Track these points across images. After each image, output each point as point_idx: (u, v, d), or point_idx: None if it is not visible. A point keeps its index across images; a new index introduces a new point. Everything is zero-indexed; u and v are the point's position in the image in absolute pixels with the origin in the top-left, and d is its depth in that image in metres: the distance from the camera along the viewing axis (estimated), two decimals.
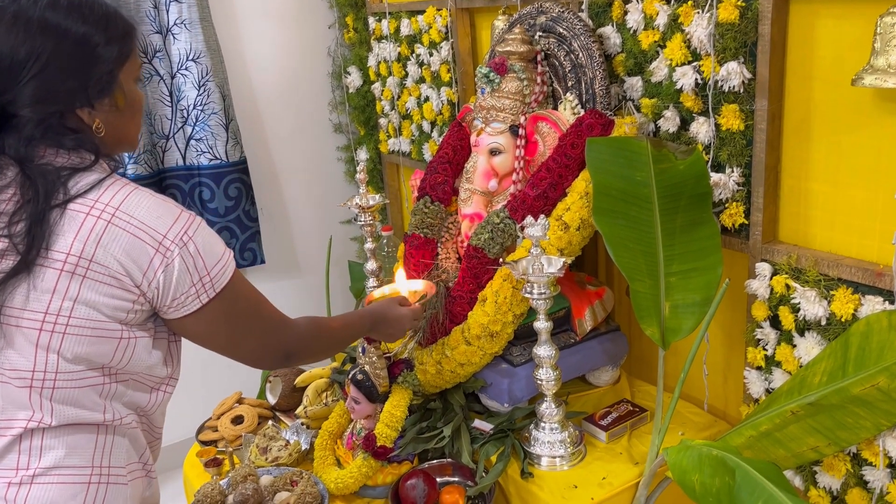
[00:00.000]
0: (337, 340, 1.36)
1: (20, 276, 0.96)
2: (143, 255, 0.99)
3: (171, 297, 1.03)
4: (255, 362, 1.20)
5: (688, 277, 1.43)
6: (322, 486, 1.65)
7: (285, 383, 2.00)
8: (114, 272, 0.99)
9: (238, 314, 1.12)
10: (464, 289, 1.64)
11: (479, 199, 1.72)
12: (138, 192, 1.02)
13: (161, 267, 1.00)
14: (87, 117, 1.04)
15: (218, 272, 1.06)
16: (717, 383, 1.69)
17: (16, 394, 1.00)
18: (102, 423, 1.05)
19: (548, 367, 1.50)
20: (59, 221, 0.97)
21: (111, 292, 0.99)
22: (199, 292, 1.04)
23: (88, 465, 1.04)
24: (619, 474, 1.49)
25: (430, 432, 1.65)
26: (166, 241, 1.00)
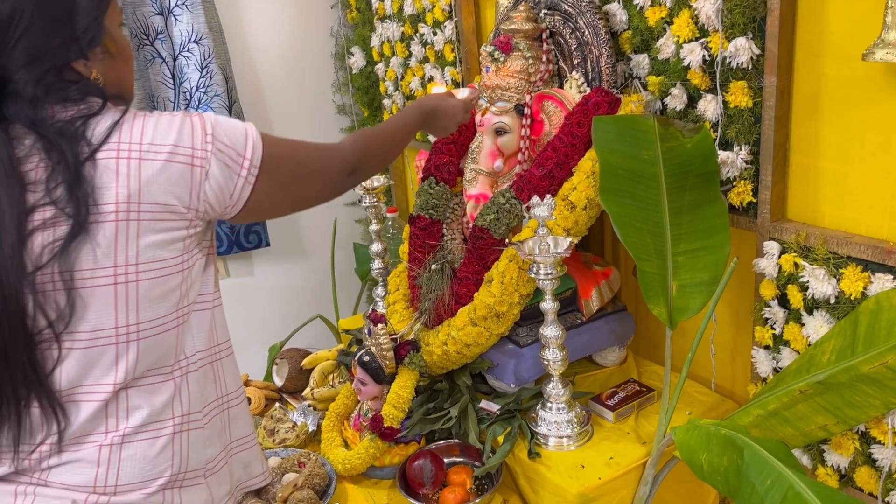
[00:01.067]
0: (391, 141, 1.35)
1: (79, 239, 0.93)
2: (185, 176, 0.98)
3: (227, 196, 1.02)
4: (326, 197, 1.21)
5: (695, 256, 1.42)
6: (329, 467, 1.66)
7: (292, 365, 2.00)
8: (166, 205, 0.97)
9: (287, 175, 1.10)
10: (469, 270, 1.63)
11: (485, 179, 1.71)
12: (151, 118, 1.00)
13: (203, 177, 0.99)
14: (83, 69, 1.02)
15: (250, 150, 1.04)
16: (725, 363, 1.69)
17: (99, 356, 0.98)
18: (177, 368, 1.04)
19: (554, 348, 1.49)
20: (94, 174, 0.94)
21: (167, 226, 0.98)
22: (246, 178, 1.03)
23: (169, 416, 1.03)
24: (626, 454, 1.49)
25: (437, 413, 1.65)
26: (197, 151, 0.99)
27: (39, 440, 0.98)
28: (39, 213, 0.94)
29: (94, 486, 0.98)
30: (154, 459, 1.01)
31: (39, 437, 0.98)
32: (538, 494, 1.49)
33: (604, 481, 1.42)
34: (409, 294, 1.85)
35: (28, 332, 0.93)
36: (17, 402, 0.96)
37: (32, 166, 0.96)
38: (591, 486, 1.41)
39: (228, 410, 1.15)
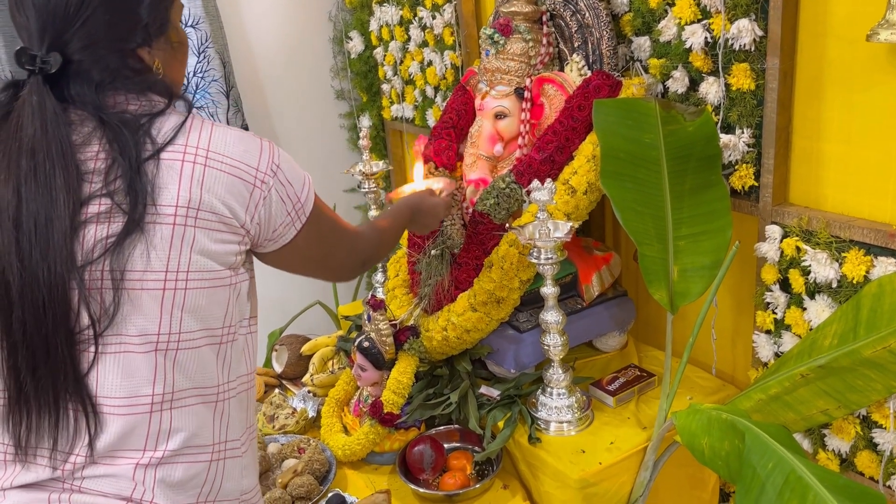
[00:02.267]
0: (392, 237, 1.38)
1: (134, 237, 0.90)
2: (244, 192, 0.97)
3: (272, 228, 1.01)
4: (340, 276, 1.25)
5: (697, 241, 1.41)
6: (329, 453, 1.66)
7: (291, 352, 2.00)
8: (221, 215, 0.95)
9: (325, 234, 1.12)
10: (469, 255, 1.62)
11: (485, 164, 1.69)
12: (219, 128, 0.99)
13: (261, 200, 0.98)
14: (147, 57, 1.00)
15: (305, 196, 1.04)
16: (726, 348, 1.68)
17: (139, 362, 0.93)
18: (217, 391, 1.01)
19: (555, 333, 1.49)
20: (156, 173, 0.92)
21: (221, 237, 0.96)
22: (293, 220, 1.03)
23: (210, 442, 1.00)
24: (626, 439, 1.48)
25: (437, 399, 1.64)
26: (260, 173, 0.98)
27: (76, 447, 0.94)
28: (94, 204, 0.91)
29: (131, 497, 0.95)
30: (186, 484, 0.98)
31: (76, 442, 0.94)
32: (538, 479, 1.49)
33: (604, 466, 1.42)
34: (408, 280, 1.84)
35: (70, 328, 0.91)
36: (56, 400, 0.92)
37: (92, 155, 0.93)
38: (592, 471, 1.41)
39: (254, 442, 1.13)
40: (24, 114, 0.91)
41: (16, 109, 0.92)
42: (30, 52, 0.92)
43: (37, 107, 0.91)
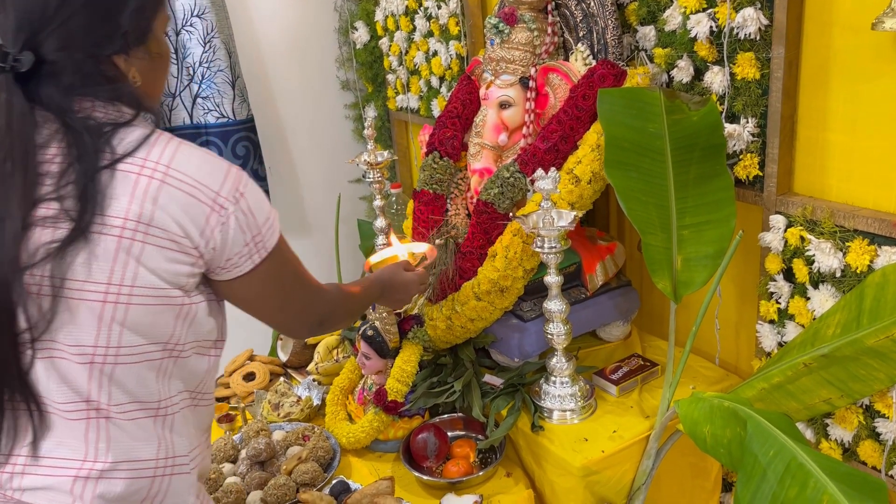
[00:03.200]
0: (357, 307, 1.32)
1: (77, 245, 0.89)
2: (201, 214, 0.94)
3: (226, 257, 0.98)
4: (293, 329, 1.18)
5: (701, 230, 1.41)
6: (334, 441, 1.67)
7: (296, 340, 2.01)
8: (173, 234, 0.92)
9: (285, 277, 1.07)
10: (474, 244, 1.63)
11: (489, 153, 1.70)
12: (185, 146, 0.96)
13: (218, 225, 0.95)
14: (123, 65, 0.98)
15: (268, 230, 1.01)
16: (729, 337, 1.68)
17: (76, 373, 0.93)
18: (158, 406, 0.99)
19: (558, 322, 1.49)
20: (110, 183, 0.90)
21: (171, 256, 0.94)
22: (251, 252, 0.99)
23: (153, 457, 0.98)
24: (629, 427, 1.49)
25: (441, 387, 1.65)
26: (220, 198, 0.95)
27: (17, 447, 0.94)
28: (43, 207, 0.89)
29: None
30: (127, 500, 0.96)
31: (18, 443, 0.94)
32: (541, 467, 1.50)
33: (607, 454, 1.43)
34: None
35: (13, 328, 0.90)
36: (0, 397, 0.92)
37: (49, 157, 0.92)
38: (595, 458, 1.42)
39: (205, 459, 1.12)
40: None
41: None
42: (3, 49, 0.91)
43: (4, 104, 0.90)
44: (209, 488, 1.55)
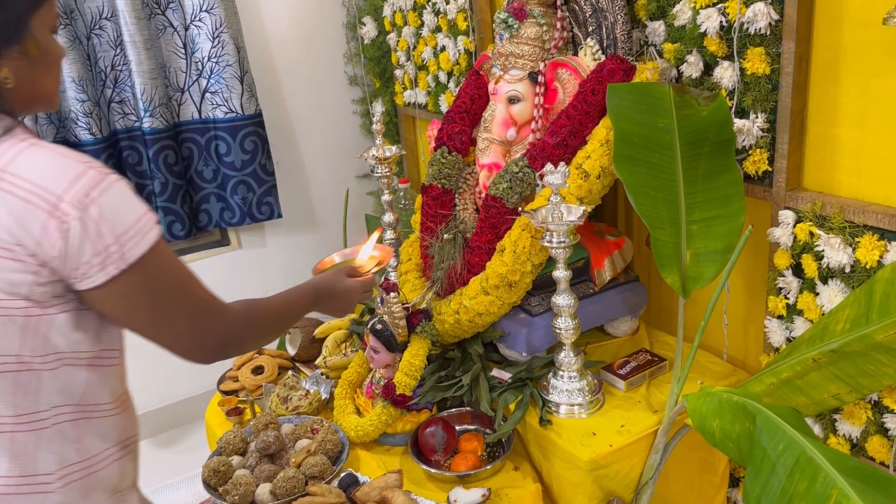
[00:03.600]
0: (277, 322, 1.22)
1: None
2: (35, 221, 0.88)
3: (73, 266, 0.91)
4: (186, 351, 1.05)
5: (710, 225, 1.42)
6: (342, 434, 1.67)
7: (304, 335, 2.02)
8: (4, 242, 0.88)
9: (160, 291, 0.98)
10: (482, 239, 1.63)
11: (498, 148, 1.70)
12: (36, 148, 0.91)
13: (57, 232, 0.89)
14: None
15: (129, 241, 0.93)
16: (737, 333, 1.68)
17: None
18: (21, 422, 0.95)
19: (566, 316, 1.50)
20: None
21: (4, 265, 0.89)
22: (103, 263, 0.92)
23: (5, 473, 0.95)
24: (637, 422, 1.49)
25: (449, 381, 1.66)
26: (63, 203, 0.89)
27: None
28: None
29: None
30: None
31: None
32: (549, 461, 1.51)
33: (615, 448, 1.43)
34: (420, 264, 1.85)
35: None
36: None
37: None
38: (602, 452, 1.42)
39: (93, 475, 1.03)
40: None
41: None
42: None
43: None
44: (218, 480, 1.56)
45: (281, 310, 1.23)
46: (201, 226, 2.61)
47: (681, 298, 1.45)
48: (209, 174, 2.56)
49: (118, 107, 2.41)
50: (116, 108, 2.41)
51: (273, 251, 2.82)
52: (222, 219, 2.62)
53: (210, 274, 2.69)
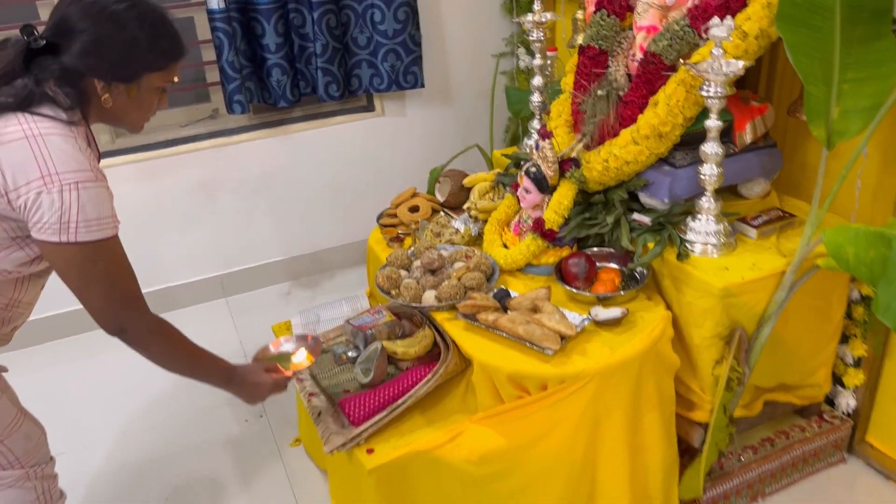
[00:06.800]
0: (180, 360, 1.45)
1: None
2: (27, 174, 1.19)
3: (33, 219, 1.21)
4: (96, 317, 1.33)
5: (861, 84, 1.52)
6: (493, 261, 1.91)
7: (454, 183, 2.24)
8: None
9: (89, 270, 1.27)
10: (636, 94, 1.79)
11: (656, 11, 1.83)
12: (73, 141, 1.23)
13: (35, 193, 1.19)
14: (100, 88, 1.29)
15: (86, 227, 1.22)
16: (867, 199, 1.79)
17: None
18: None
19: (712, 164, 1.65)
20: (5, 116, 1.23)
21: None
22: (59, 230, 1.21)
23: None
24: (767, 262, 1.66)
25: (593, 221, 1.85)
26: (56, 176, 1.20)
27: None
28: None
29: None
30: None
31: None
32: (681, 292, 1.70)
33: (746, 281, 1.61)
34: (570, 120, 2.02)
35: None
36: None
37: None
38: (735, 282, 1.60)
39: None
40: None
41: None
42: (34, 29, 1.26)
43: (12, 57, 1.26)
44: (391, 286, 1.83)
45: (191, 354, 1.46)
46: (353, 89, 2.84)
47: (824, 151, 1.58)
48: (363, 41, 2.77)
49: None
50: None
51: (411, 120, 3.04)
52: (371, 84, 2.84)
53: (355, 138, 2.95)
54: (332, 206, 3.02)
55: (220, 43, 2.53)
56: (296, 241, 3.03)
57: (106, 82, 1.30)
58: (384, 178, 2.99)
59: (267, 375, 1.59)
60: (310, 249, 3.06)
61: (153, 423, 2.31)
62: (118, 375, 2.55)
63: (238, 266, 2.97)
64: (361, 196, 3.00)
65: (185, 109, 2.85)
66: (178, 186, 2.76)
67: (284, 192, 2.94)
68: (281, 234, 3.00)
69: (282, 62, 2.66)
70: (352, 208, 3.03)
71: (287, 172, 2.91)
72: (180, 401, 2.39)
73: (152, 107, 1.40)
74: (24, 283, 1.38)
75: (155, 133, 2.75)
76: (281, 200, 2.94)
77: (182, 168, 2.74)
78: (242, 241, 2.94)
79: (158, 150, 2.71)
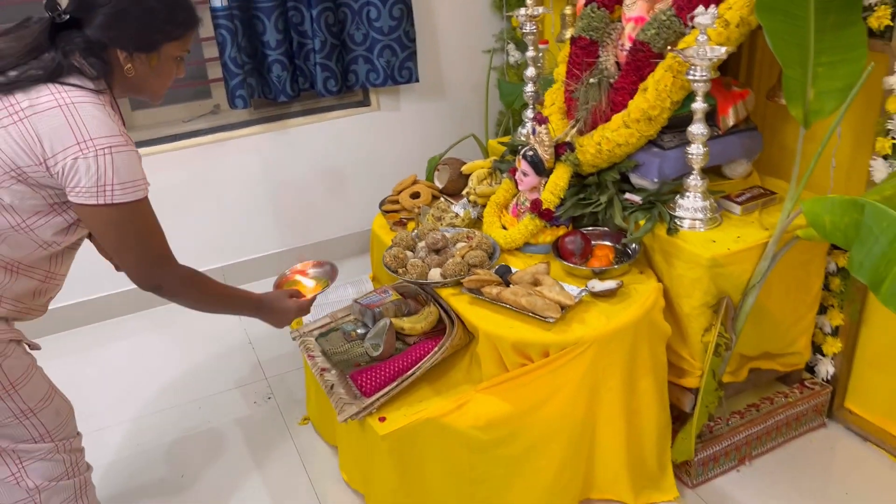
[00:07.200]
0: (214, 301, 1.59)
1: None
2: (64, 141, 1.27)
3: (71, 183, 1.29)
4: (130, 275, 1.44)
5: (834, 67, 1.65)
6: (493, 241, 2.02)
7: (452, 170, 2.35)
8: (33, 135, 1.27)
9: (127, 230, 1.37)
10: (626, 80, 1.90)
11: (643, 3, 1.94)
12: (102, 108, 1.31)
13: (72, 159, 1.27)
14: (122, 59, 1.36)
15: (121, 189, 1.31)
16: (841, 177, 1.92)
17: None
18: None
19: (699, 144, 1.77)
20: (36, 88, 1.30)
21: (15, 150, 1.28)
22: (97, 193, 1.29)
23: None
24: (751, 235, 1.78)
25: (587, 201, 1.97)
26: (91, 142, 1.27)
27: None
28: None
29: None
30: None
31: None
32: (671, 265, 1.81)
33: (732, 252, 1.73)
34: (563, 107, 2.14)
35: None
36: None
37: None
38: (721, 253, 1.72)
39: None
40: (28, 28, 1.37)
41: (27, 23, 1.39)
42: (58, 4, 1.34)
43: (37, 31, 1.34)
44: (398, 265, 1.93)
45: (222, 295, 1.61)
46: (349, 84, 2.94)
47: (801, 130, 1.70)
48: (360, 37, 2.87)
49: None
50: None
51: (406, 113, 3.14)
52: (367, 79, 2.94)
53: (353, 132, 3.05)
54: (331, 198, 3.12)
55: (224, 40, 2.62)
56: (296, 232, 3.12)
57: (128, 52, 1.37)
58: (381, 169, 3.10)
59: (291, 301, 1.73)
60: (310, 240, 3.15)
61: (164, 407, 2.39)
62: (129, 364, 2.63)
63: (240, 258, 3.06)
64: (359, 187, 3.10)
65: (186, 105, 2.94)
66: (181, 180, 2.84)
67: (284, 185, 3.03)
68: (281, 226, 3.09)
69: (282, 58, 2.76)
70: (350, 199, 3.12)
71: (287, 165, 3.00)
72: (190, 386, 2.47)
73: (171, 75, 1.47)
74: (59, 256, 1.46)
75: (158, 129, 2.83)
76: (281, 192, 3.04)
77: (185, 162, 2.83)
78: (244, 233, 3.03)
79: (162, 144, 2.79)
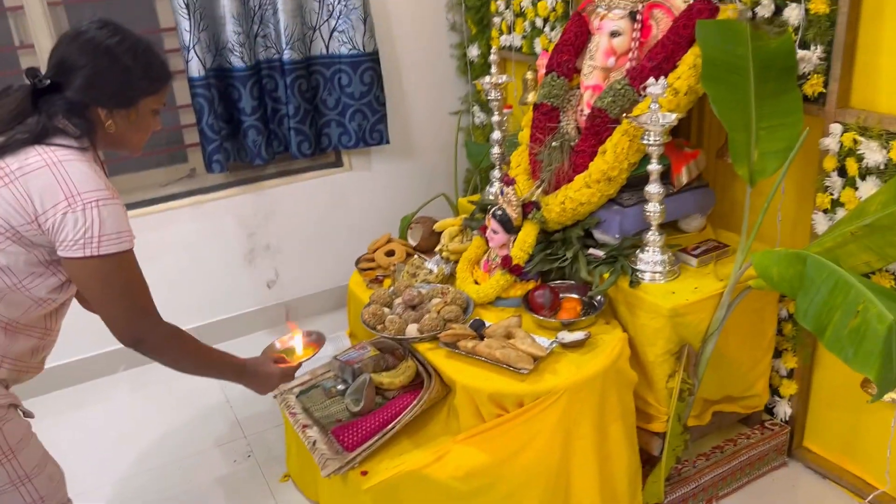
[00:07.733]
0: (195, 363, 1.61)
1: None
2: (54, 198, 1.33)
3: (59, 238, 1.34)
4: (112, 328, 1.46)
5: (774, 130, 1.81)
6: (466, 296, 2.11)
7: (425, 229, 2.45)
8: (24, 195, 1.33)
9: (112, 282, 1.40)
10: (586, 144, 2.04)
11: (599, 73, 2.10)
12: (88, 164, 1.37)
13: (61, 214, 1.32)
14: (103, 116, 1.44)
15: (107, 241, 1.36)
16: (788, 229, 2.07)
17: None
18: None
19: (656, 202, 1.91)
20: (24, 150, 1.37)
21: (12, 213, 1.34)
22: (84, 245, 1.34)
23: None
24: (707, 286, 1.91)
25: (554, 256, 2.08)
26: (79, 196, 1.33)
27: None
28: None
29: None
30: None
31: None
32: (635, 315, 1.93)
33: (690, 302, 1.85)
34: (528, 168, 2.27)
35: None
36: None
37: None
38: (681, 304, 1.84)
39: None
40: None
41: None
42: (37, 70, 1.44)
43: (20, 99, 1.42)
44: (376, 321, 2.01)
45: (205, 356, 1.63)
46: (323, 147, 3.05)
47: (748, 188, 1.85)
48: (332, 102, 2.99)
49: (262, 41, 2.84)
50: (261, 42, 2.84)
51: (377, 174, 3.25)
52: (340, 142, 3.05)
53: (325, 191, 3.15)
54: (306, 257, 3.20)
55: (201, 107, 2.72)
56: (273, 290, 3.18)
57: (108, 110, 1.44)
58: (354, 228, 3.19)
59: (275, 366, 1.76)
60: (286, 297, 3.21)
61: (144, 469, 2.41)
62: (106, 426, 2.64)
63: (217, 316, 3.10)
64: (333, 246, 3.19)
65: (163, 170, 3.02)
66: (158, 243, 2.89)
67: (260, 245, 3.10)
68: (257, 285, 3.15)
69: (257, 123, 2.86)
70: (324, 258, 3.21)
71: (262, 225, 3.08)
72: (170, 447, 2.49)
73: (150, 128, 1.55)
74: (55, 313, 1.52)
75: (135, 193, 2.90)
76: (256, 252, 3.11)
77: (162, 225, 2.89)
78: (219, 293, 3.08)
79: (139, 208, 2.85)
